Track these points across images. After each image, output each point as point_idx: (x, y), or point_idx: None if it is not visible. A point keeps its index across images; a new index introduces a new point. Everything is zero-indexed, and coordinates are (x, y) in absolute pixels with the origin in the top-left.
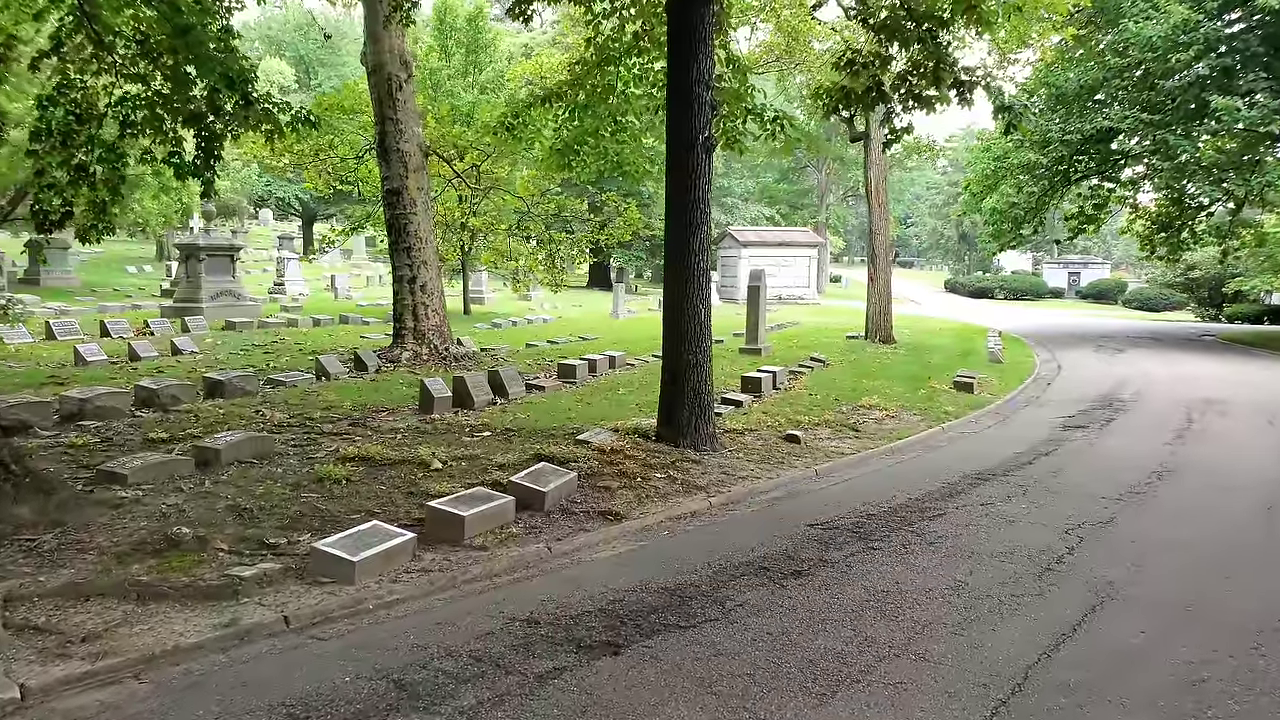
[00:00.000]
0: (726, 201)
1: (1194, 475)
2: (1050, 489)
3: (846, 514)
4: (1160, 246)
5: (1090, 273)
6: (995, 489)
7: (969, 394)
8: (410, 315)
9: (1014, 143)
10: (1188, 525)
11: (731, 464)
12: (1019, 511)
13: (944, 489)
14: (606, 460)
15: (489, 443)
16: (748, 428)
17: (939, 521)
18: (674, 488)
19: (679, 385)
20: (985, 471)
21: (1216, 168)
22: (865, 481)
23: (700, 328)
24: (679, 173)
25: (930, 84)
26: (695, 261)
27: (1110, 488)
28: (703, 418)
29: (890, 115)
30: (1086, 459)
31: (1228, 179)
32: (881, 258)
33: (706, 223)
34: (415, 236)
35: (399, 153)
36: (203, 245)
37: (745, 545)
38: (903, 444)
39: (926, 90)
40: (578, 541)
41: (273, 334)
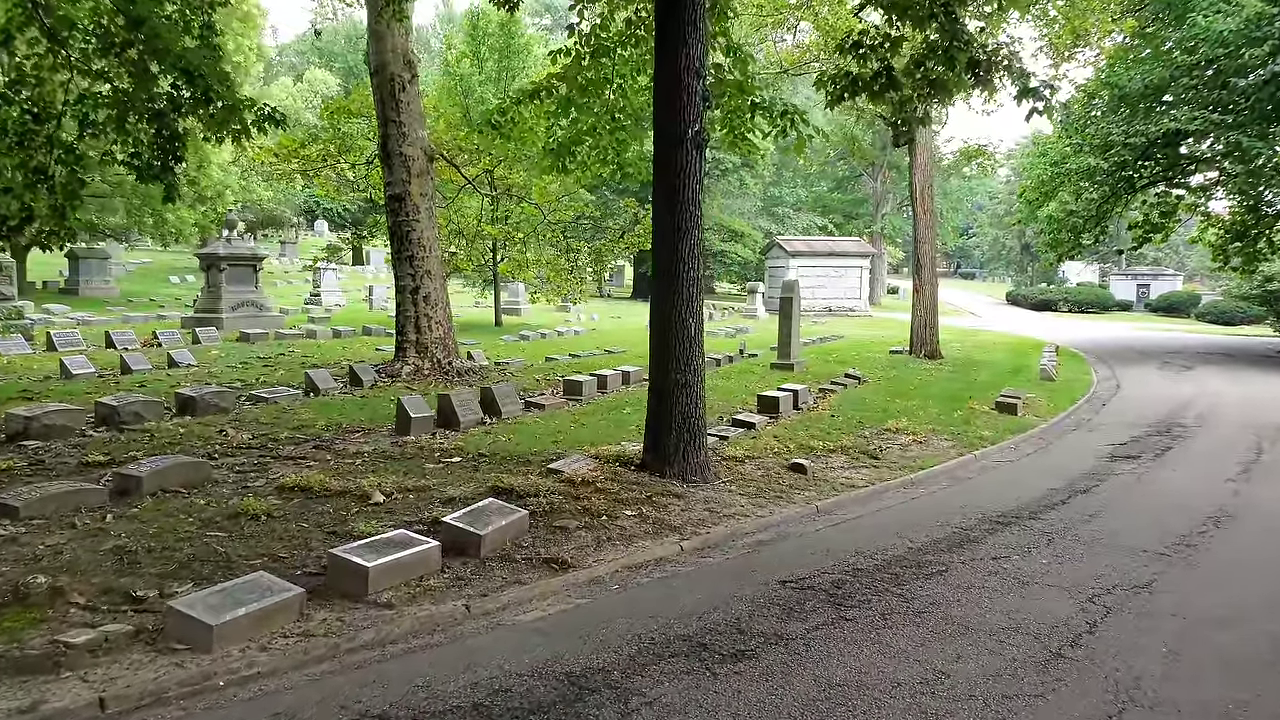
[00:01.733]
0: (777, 211)
1: (1258, 522)
2: (1081, 538)
3: (830, 567)
4: (1235, 257)
5: (1161, 284)
6: (1015, 536)
7: (1012, 416)
8: (413, 327)
9: (1073, 147)
10: (1245, 591)
11: (721, 498)
12: (1037, 569)
13: (954, 536)
14: (573, 494)
15: (451, 471)
16: (751, 454)
17: (936, 581)
18: (643, 528)
19: (666, 408)
20: (1009, 513)
21: None
22: (868, 522)
23: (690, 344)
24: (665, 171)
25: (945, 66)
26: (684, 270)
27: (1154, 538)
28: (692, 445)
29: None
30: (1131, 499)
31: None
32: (927, 268)
33: (696, 226)
34: (418, 245)
35: (402, 156)
36: (223, 255)
37: (696, 608)
38: (925, 475)
39: (942, 75)
40: (506, 598)
41: (286, 346)
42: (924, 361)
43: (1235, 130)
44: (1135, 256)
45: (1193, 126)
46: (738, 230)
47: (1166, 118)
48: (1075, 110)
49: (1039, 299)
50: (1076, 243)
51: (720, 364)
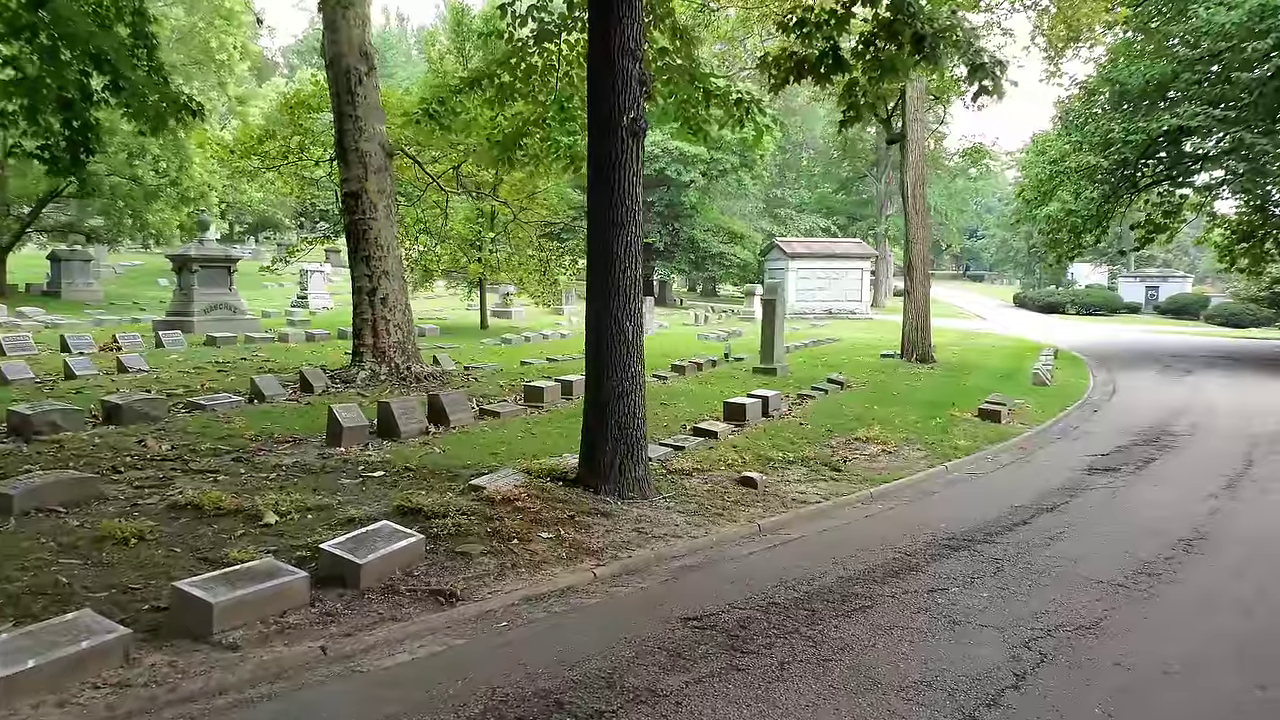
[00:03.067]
0: (780, 213)
1: (1234, 548)
2: (1033, 567)
3: (745, 601)
4: (1241, 258)
5: (1170, 286)
6: (961, 564)
7: (995, 424)
8: (369, 331)
9: (1072, 145)
10: (1206, 635)
11: (656, 517)
12: (974, 605)
13: (894, 562)
14: (487, 515)
15: (364, 488)
16: (701, 467)
17: (856, 620)
18: (558, 553)
19: (602, 419)
20: (962, 535)
21: None
22: (809, 545)
23: (629, 349)
24: (600, 162)
25: (892, 43)
26: (621, 269)
27: (1115, 566)
28: (631, 458)
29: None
30: (1100, 519)
31: None
32: (919, 270)
33: (634, 222)
34: (375, 244)
35: (358, 152)
36: (194, 256)
37: (574, 655)
38: (887, 489)
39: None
40: (374, 637)
41: (253, 350)
42: (915, 365)
43: (1239, 127)
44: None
45: (1195, 123)
46: (737, 232)
47: (1168, 114)
48: (1076, 107)
49: (1046, 301)
50: (1077, 243)
51: (702, 368)
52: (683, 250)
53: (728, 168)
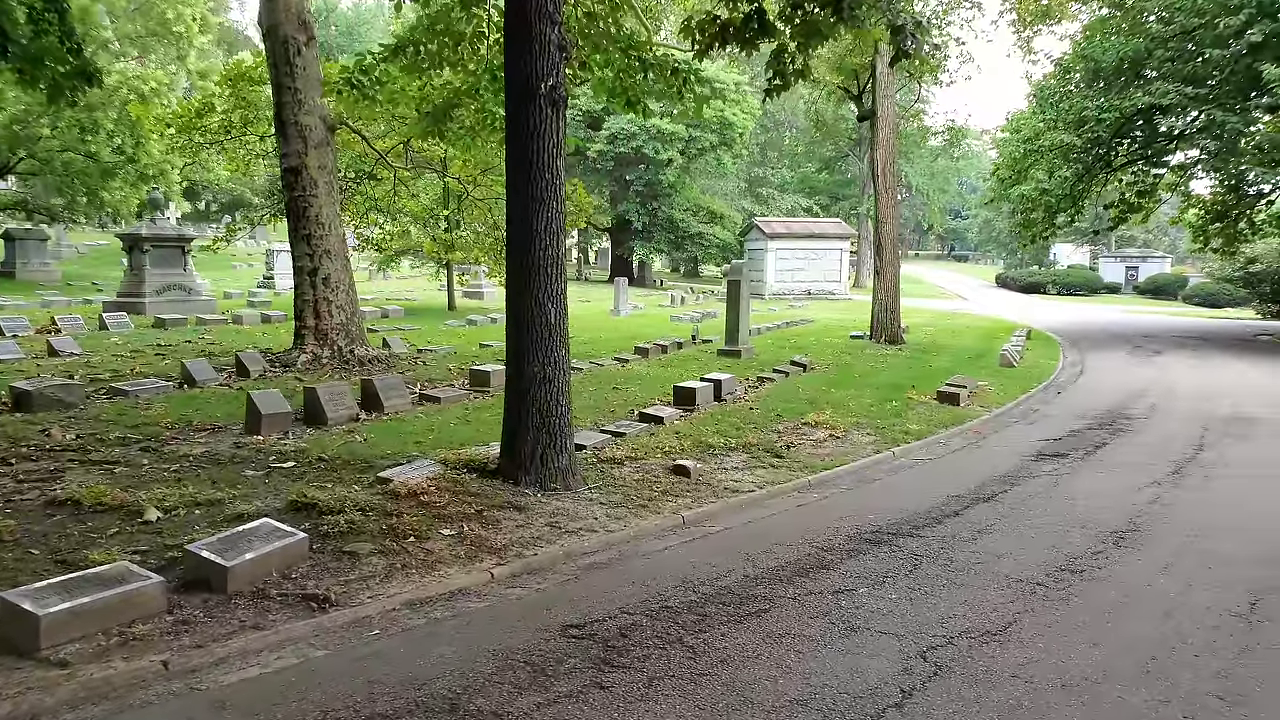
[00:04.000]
0: (762, 192)
1: (1170, 538)
2: (953, 563)
3: (637, 604)
4: (1215, 238)
5: (1150, 267)
6: (877, 560)
7: (953, 407)
8: (311, 313)
9: (1046, 123)
10: (1117, 642)
11: (575, 510)
12: (879, 608)
13: (808, 558)
14: (387, 510)
15: (267, 481)
16: (635, 455)
17: (747, 626)
18: (455, 552)
19: (523, 407)
20: (888, 527)
21: (1273, 148)
22: (726, 540)
23: (551, 332)
24: (517, 132)
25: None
26: (542, 247)
27: (1039, 562)
28: (554, 447)
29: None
30: (1035, 509)
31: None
32: (889, 249)
33: (556, 197)
34: (316, 222)
35: (298, 126)
36: (146, 235)
37: (432, 670)
38: (827, 476)
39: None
40: (228, 649)
41: (201, 332)
42: (883, 347)
43: (1210, 105)
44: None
45: (1168, 101)
46: (717, 212)
47: (1141, 92)
48: (1051, 85)
49: (1028, 281)
50: (1051, 223)
51: (666, 350)
52: (661, 230)
53: (706, 146)
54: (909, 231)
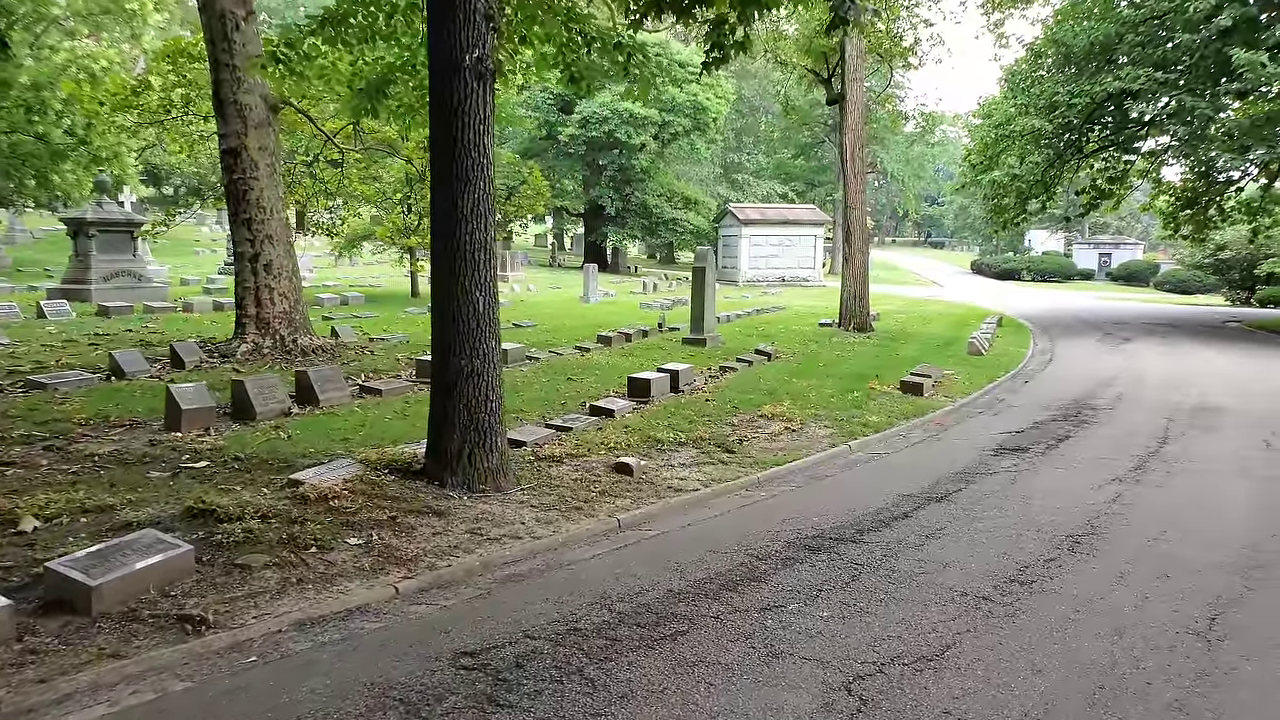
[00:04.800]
0: (738, 178)
1: (1128, 542)
2: (895, 573)
3: (545, 625)
4: (1185, 225)
5: (1122, 253)
6: (813, 571)
7: (917, 397)
8: (252, 300)
9: (1017, 108)
10: (1063, 670)
11: (501, 514)
12: (808, 628)
13: (740, 569)
14: (292, 516)
15: (176, 483)
16: (576, 452)
17: (661, 651)
18: (361, 564)
19: (449, 403)
20: (831, 531)
21: (1241, 134)
22: (660, 546)
23: (480, 322)
24: (441, 108)
25: None
26: (468, 231)
27: (989, 570)
28: (483, 446)
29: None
30: (989, 510)
31: (1253, 148)
32: (857, 236)
33: (483, 177)
34: (257, 206)
35: (237, 105)
36: (92, 220)
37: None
38: (777, 473)
39: None
40: (72, 684)
41: (146, 321)
42: (851, 335)
43: (1180, 90)
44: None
45: (1137, 86)
46: (692, 197)
47: (1111, 77)
48: (1022, 70)
49: (1003, 268)
50: (1022, 209)
51: (630, 339)
52: (635, 216)
53: (680, 131)
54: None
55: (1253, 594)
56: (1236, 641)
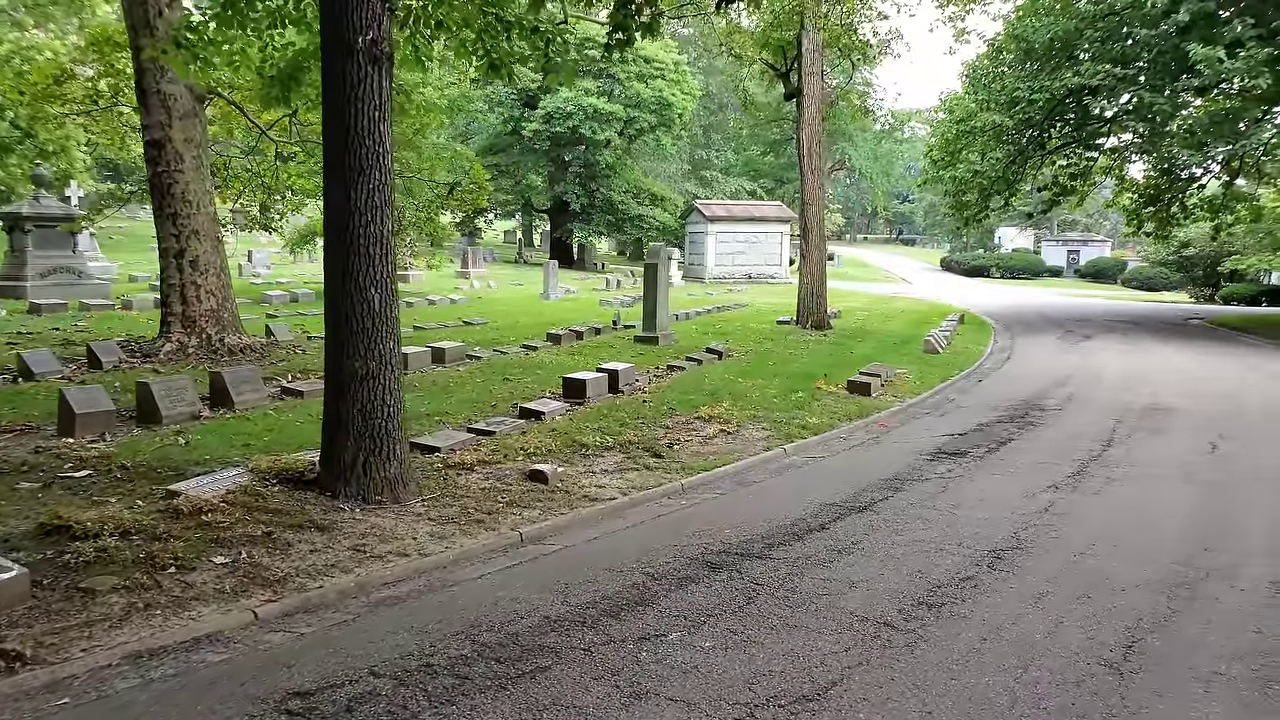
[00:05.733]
0: (706, 175)
1: (1054, 557)
2: (795, 595)
3: (397, 660)
4: (1148, 222)
5: (1090, 250)
6: (711, 592)
7: (864, 397)
8: (177, 298)
9: (978, 103)
10: (965, 701)
11: (393, 528)
12: (685, 661)
13: (631, 590)
14: (157, 533)
15: (46, 494)
16: (490, 458)
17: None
18: (223, 585)
19: (343, 408)
20: (740, 545)
21: (1201, 131)
22: (557, 563)
23: (374, 321)
24: (334, 93)
25: None
26: (363, 224)
27: (898, 590)
28: (379, 454)
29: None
30: (914, 520)
31: (1210, 145)
32: (814, 232)
33: (379, 167)
34: (183, 200)
35: (160, 95)
36: (27, 215)
37: None
38: (703, 479)
39: None
40: None
41: (77, 319)
42: (808, 333)
43: (1139, 87)
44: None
45: (1096, 81)
46: (658, 194)
47: (1071, 72)
48: (983, 65)
49: (972, 265)
50: (984, 205)
51: (582, 337)
52: (600, 212)
53: (645, 127)
54: (858, 216)
55: (1176, 616)
56: (1152, 674)
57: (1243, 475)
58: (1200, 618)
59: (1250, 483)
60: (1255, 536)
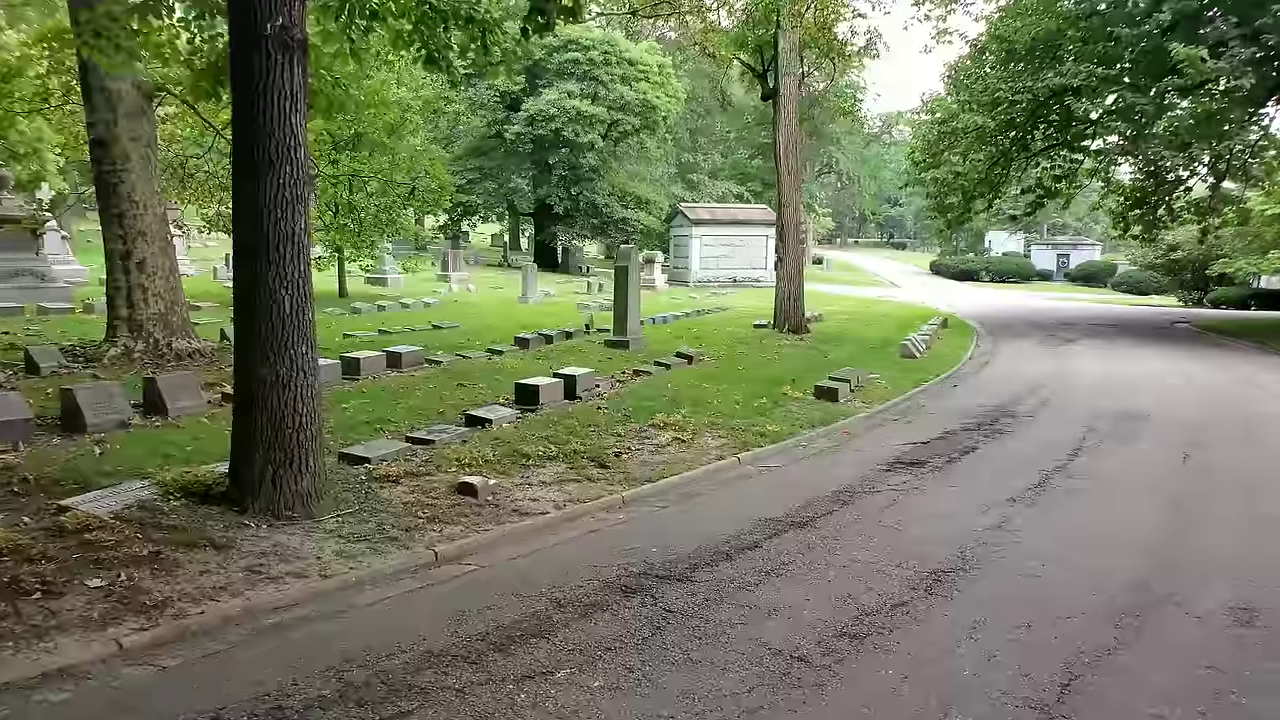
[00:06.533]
0: (693, 178)
1: (997, 580)
2: (708, 625)
3: (245, 704)
4: (1135, 224)
5: (1080, 254)
6: (617, 621)
7: (831, 404)
8: (124, 301)
9: (959, 104)
10: None
11: (298, 547)
12: (561, 707)
13: (531, 619)
14: (31, 554)
15: None
16: (423, 470)
17: None
18: (92, 612)
19: (252, 418)
20: (663, 566)
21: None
22: (465, 587)
23: (285, 324)
24: (243, 83)
25: None
26: (273, 221)
27: (822, 619)
28: (291, 467)
29: None
30: (855, 538)
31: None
32: (791, 235)
33: (291, 161)
34: (129, 200)
35: (105, 92)
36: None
37: None
38: (645, 491)
39: None
40: None
41: (31, 323)
42: (785, 337)
43: (1122, 87)
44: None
45: (1078, 82)
46: (643, 197)
47: (1052, 72)
48: (966, 66)
49: (961, 269)
50: (967, 208)
51: (551, 341)
52: (584, 215)
53: (629, 130)
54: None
55: (1120, 649)
56: (1084, 718)
57: (1215, 487)
58: (1147, 651)
59: (1222, 495)
60: (1221, 556)
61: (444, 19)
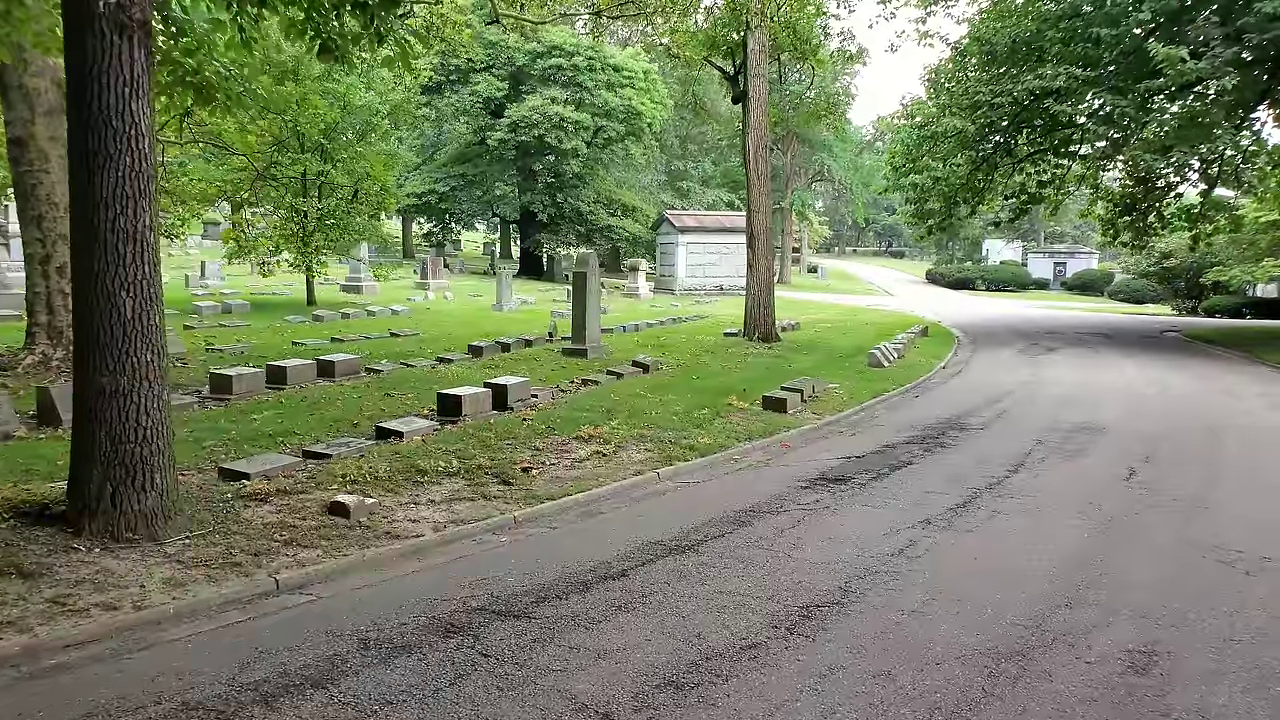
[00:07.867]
0: (683, 185)
1: (876, 617)
2: (518, 673)
3: None
4: (1124, 231)
5: (1077, 263)
6: (417, 668)
7: (779, 414)
8: (44, 307)
9: (939, 107)
10: None
11: (124, 573)
12: None
13: (331, 660)
14: None
15: None
16: (293, 488)
17: None
18: None
19: (89, 430)
20: (509, 598)
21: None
22: (281, 622)
23: (127, 330)
24: (76, 69)
25: None
26: (109, 218)
27: (655, 664)
28: (132, 484)
29: None
30: (736, 566)
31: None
32: (761, 241)
33: (132, 153)
34: (48, 203)
35: (22, 89)
36: None
37: None
38: (544, 510)
39: None
40: None
41: None
42: (753, 345)
43: (1103, 89)
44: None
45: (1059, 84)
46: (629, 204)
47: (1032, 75)
48: (947, 69)
49: (957, 277)
50: (949, 214)
51: (508, 349)
52: (568, 222)
53: (614, 136)
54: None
55: (985, 703)
56: None
57: (1152, 508)
58: (1018, 703)
59: (1159, 517)
60: (1134, 587)
61: (337, 6)
